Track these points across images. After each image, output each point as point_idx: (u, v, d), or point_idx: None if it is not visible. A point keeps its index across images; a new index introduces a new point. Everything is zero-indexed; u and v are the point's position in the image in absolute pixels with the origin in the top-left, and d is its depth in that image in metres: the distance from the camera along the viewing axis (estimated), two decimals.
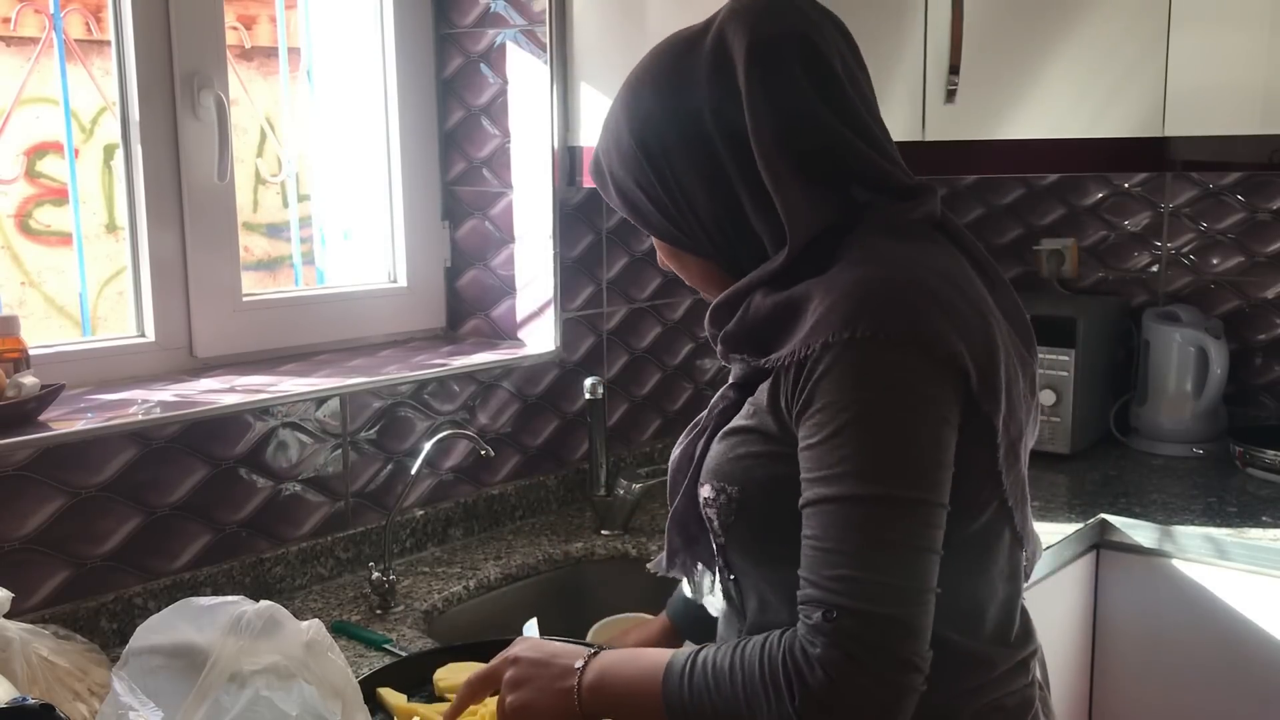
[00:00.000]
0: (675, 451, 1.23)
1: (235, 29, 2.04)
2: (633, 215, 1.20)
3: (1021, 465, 1.14)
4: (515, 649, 1.19)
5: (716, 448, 1.15)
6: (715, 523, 1.14)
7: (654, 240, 1.23)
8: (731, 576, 1.18)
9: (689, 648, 1.11)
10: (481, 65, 2.17)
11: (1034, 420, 1.19)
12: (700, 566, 1.23)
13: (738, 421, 1.14)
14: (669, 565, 1.25)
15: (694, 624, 1.42)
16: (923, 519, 1.01)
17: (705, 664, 1.06)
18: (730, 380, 1.19)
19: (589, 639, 1.52)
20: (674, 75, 1.14)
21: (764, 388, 1.10)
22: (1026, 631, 1.20)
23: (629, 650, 1.17)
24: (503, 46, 2.14)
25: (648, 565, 1.33)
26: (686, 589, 1.29)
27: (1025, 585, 1.21)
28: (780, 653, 1.01)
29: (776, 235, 1.11)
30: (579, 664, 1.14)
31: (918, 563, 1.00)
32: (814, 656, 0.98)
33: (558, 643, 1.21)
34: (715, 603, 1.26)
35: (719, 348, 1.17)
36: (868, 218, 1.11)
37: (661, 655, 1.11)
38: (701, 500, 1.15)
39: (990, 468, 1.08)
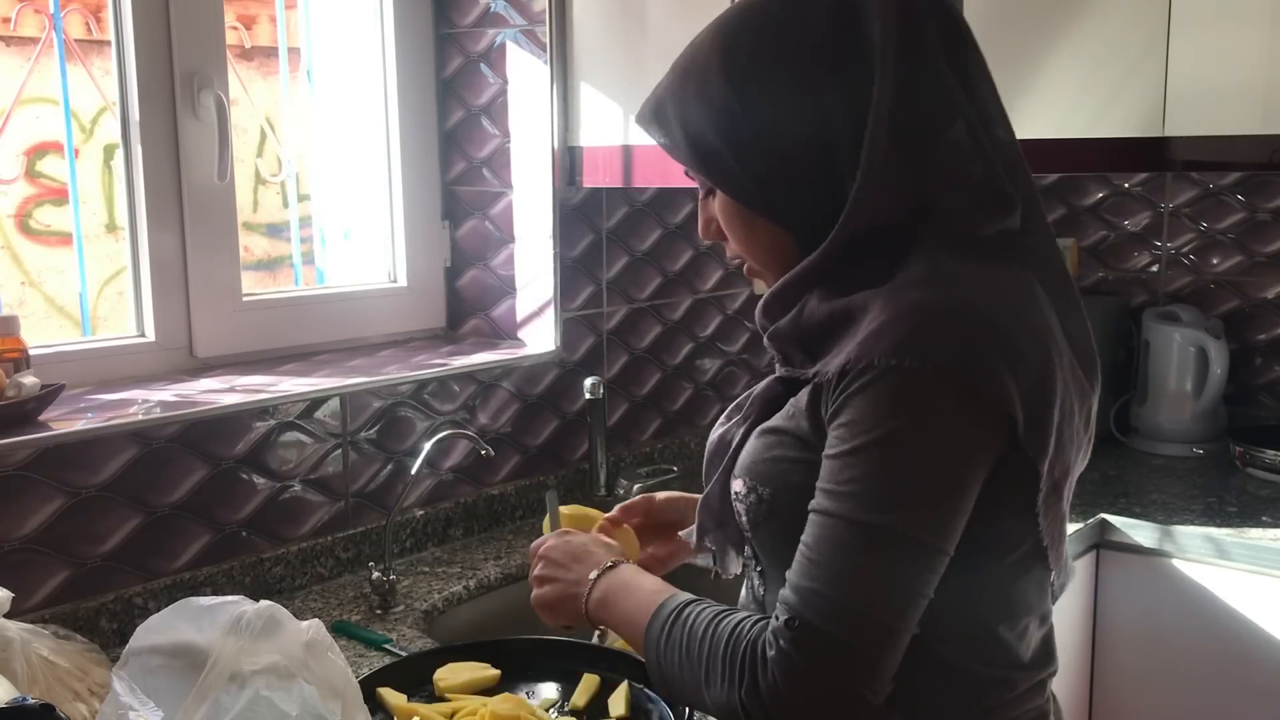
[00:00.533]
0: (715, 433, 1.22)
1: (235, 29, 2.04)
2: (706, 169, 1.11)
3: (1063, 504, 1.10)
4: (548, 543, 1.28)
5: (753, 443, 1.13)
6: (744, 519, 1.13)
7: (717, 204, 1.14)
8: (758, 568, 1.18)
9: (684, 595, 1.13)
10: (481, 65, 2.17)
11: (1084, 454, 1.14)
12: (730, 550, 1.24)
13: (777, 421, 1.11)
14: (698, 542, 1.25)
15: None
16: (919, 561, 0.98)
17: (686, 620, 1.08)
18: (777, 372, 1.16)
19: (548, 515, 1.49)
20: (788, 31, 1.06)
21: (805, 392, 1.08)
22: (1048, 653, 1.18)
23: (635, 577, 1.20)
24: (503, 46, 2.14)
25: (680, 533, 1.34)
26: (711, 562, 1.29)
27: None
28: (747, 640, 1.02)
29: (876, 216, 1.05)
30: (592, 575, 1.21)
31: (898, 602, 0.98)
32: (770, 657, 0.99)
33: (582, 542, 1.27)
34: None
35: (767, 341, 1.14)
36: (938, 226, 1.05)
37: (658, 594, 1.14)
38: (733, 494, 1.14)
39: (1029, 508, 1.05)
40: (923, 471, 0.98)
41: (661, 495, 1.44)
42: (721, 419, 1.23)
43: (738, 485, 1.13)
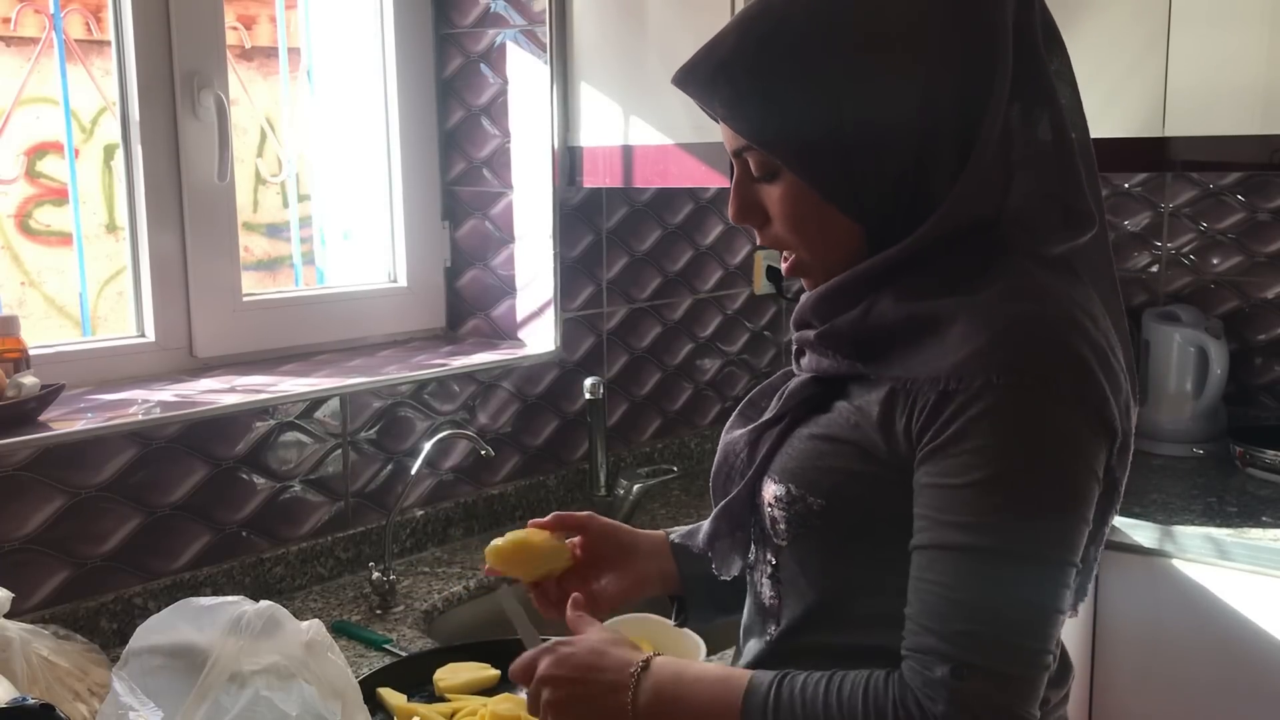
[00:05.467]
0: (733, 433, 1.13)
1: (235, 29, 2.04)
2: (782, 150, 1.01)
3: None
4: (543, 664, 1.06)
5: (802, 447, 1.05)
6: (781, 526, 1.06)
7: (780, 188, 1.03)
8: (775, 575, 1.10)
9: (763, 673, 1.00)
10: (481, 65, 2.17)
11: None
12: (734, 555, 1.14)
13: (835, 429, 1.03)
14: (707, 545, 1.15)
15: (693, 559, 1.24)
16: (1062, 580, 0.95)
17: (794, 697, 0.97)
18: (807, 369, 1.08)
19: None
20: (901, 20, 0.98)
21: (873, 399, 1.00)
22: (1066, 665, 1.17)
23: (680, 668, 1.04)
24: (503, 46, 2.14)
25: (671, 534, 1.25)
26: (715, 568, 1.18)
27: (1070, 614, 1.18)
28: (890, 702, 0.94)
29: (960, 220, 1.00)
30: (631, 677, 1.03)
31: (1050, 625, 0.95)
32: (933, 713, 0.92)
33: (588, 646, 1.06)
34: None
35: (812, 340, 1.06)
36: (1012, 237, 1.01)
37: (729, 679, 1.01)
38: (769, 498, 1.06)
39: (1100, 523, 1.03)
40: (1063, 495, 0.95)
41: (602, 519, 1.28)
42: (736, 419, 1.15)
43: (775, 490, 1.05)
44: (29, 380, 1.58)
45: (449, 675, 1.48)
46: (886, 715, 0.93)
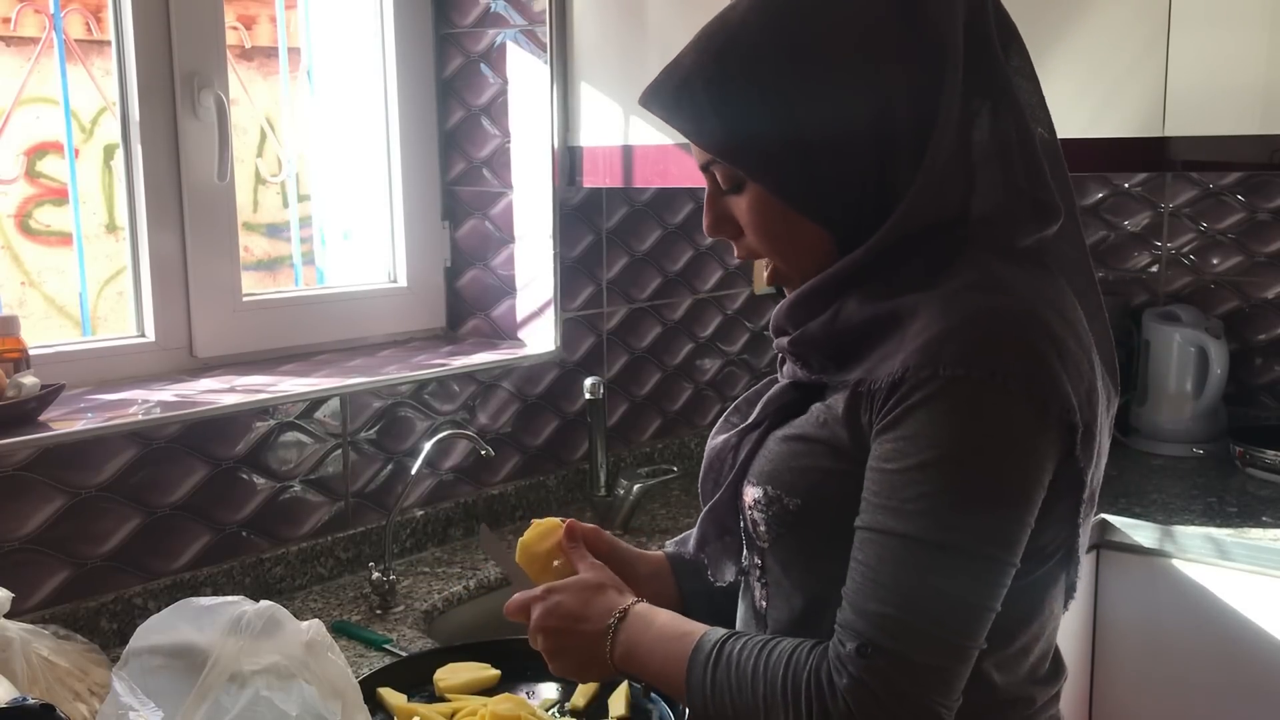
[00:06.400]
0: (716, 440, 1.15)
1: (235, 29, 2.04)
2: (745, 162, 1.03)
3: (1092, 513, 1.08)
4: (536, 613, 1.15)
5: (776, 449, 1.07)
6: (762, 528, 1.08)
7: (746, 200, 1.05)
8: (762, 579, 1.13)
9: (716, 631, 1.07)
10: (481, 65, 2.17)
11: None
12: (726, 560, 1.17)
13: (806, 428, 1.05)
14: (697, 551, 1.18)
15: (691, 573, 1.28)
16: (991, 577, 0.96)
17: (730, 659, 1.03)
18: (787, 377, 1.11)
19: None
20: (851, 28, 0.99)
21: (840, 399, 1.02)
22: (1059, 665, 1.18)
23: (651, 621, 1.11)
24: (503, 46, 2.14)
25: (668, 544, 1.28)
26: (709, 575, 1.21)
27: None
28: (806, 671, 0.98)
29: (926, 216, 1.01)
30: (609, 628, 1.11)
31: (972, 618, 0.96)
32: (839, 686, 0.95)
33: (578, 598, 1.14)
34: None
35: (787, 346, 1.08)
36: (979, 231, 1.02)
37: (687, 635, 1.07)
38: (748, 501, 1.09)
39: (1070, 518, 1.04)
40: (996, 488, 0.95)
41: (610, 536, 1.29)
42: (721, 425, 1.18)
43: (755, 493, 1.07)
44: (29, 380, 1.58)
45: (449, 675, 1.47)
46: (800, 682, 0.98)
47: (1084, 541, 1.09)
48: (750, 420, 1.12)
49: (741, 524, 1.13)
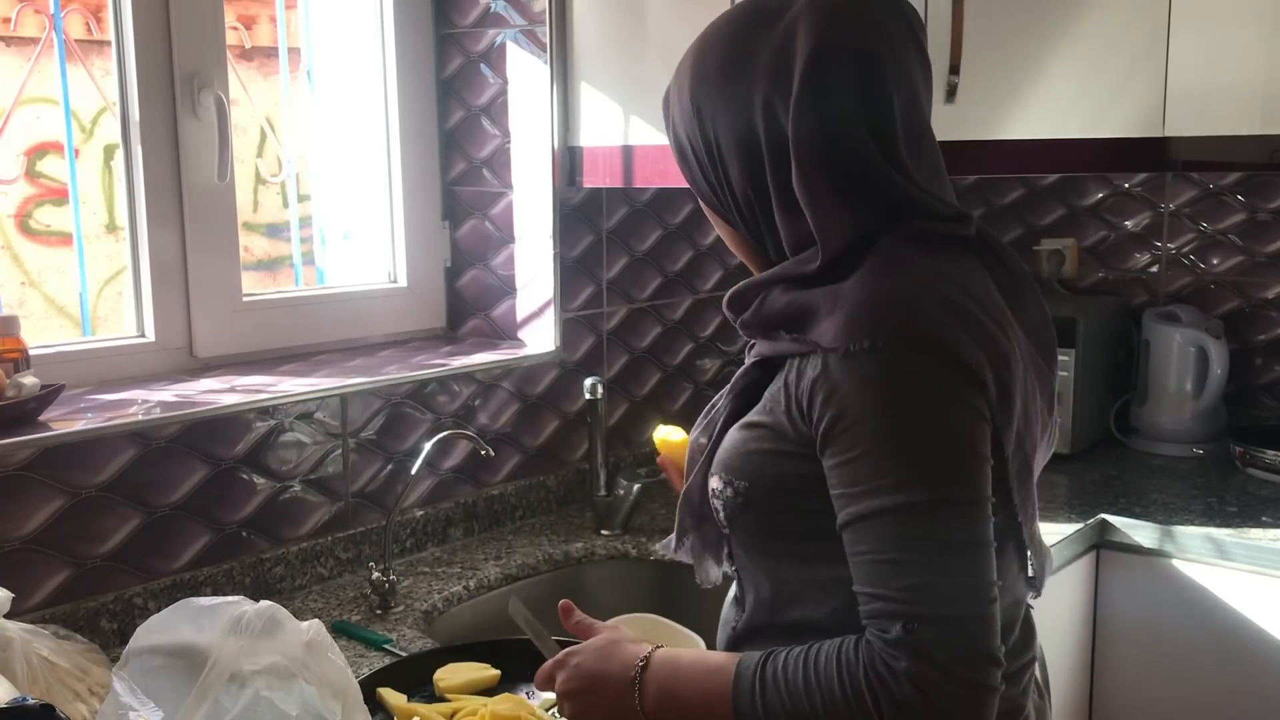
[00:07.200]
0: (694, 431, 1.24)
1: (235, 29, 2.04)
2: (680, 164, 1.20)
3: (1034, 481, 1.13)
4: (560, 679, 1.16)
5: (732, 438, 1.14)
6: (721, 514, 1.14)
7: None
8: (734, 567, 1.20)
9: (747, 655, 1.07)
10: (481, 65, 2.17)
11: (1050, 436, 1.18)
12: (708, 557, 1.23)
13: (755, 415, 1.13)
14: (677, 545, 1.25)
15: None
16: (974, 515, 1.00)
17: (776, 676, 1.03)
18: (752, 356, 1.18)
19: None
20: (740, 51, 1.11)
21: (780, 384, 1.10)
22: (1024, 642, 1.19)
23: (677, 661, 1.12)
24: (503, 46, 2.14)
25: (656, 546, 1.33)
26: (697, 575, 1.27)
27: (1032, 595, 1.20)
28: (860, 668, 0.99)
29: (800, 236, 1.10)
30: (633, 679, 1.11)
31: (980, 559, 1.00)
32: (900, 671, 0.97)
33: (597, 654, 1.15)
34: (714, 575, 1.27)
35: (740, 329, 1.18)
36: (896, 229, 1.09)
37: (719, 668, 1.07)
38: (710, 490, 1.15)
39: (1000, 482, 1.07)
40: (940, 436, 1.00)
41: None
42: (700, 417, 1.25)
43: (715, 482, 1.14)
44: (29, 380, 1.58)
45: (449, 675, 1.48)
46: (859, 680, 0.99)
47: (1030, 512, 1.12)
48: (717, 408, 1.21)
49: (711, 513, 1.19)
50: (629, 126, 2.07)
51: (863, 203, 1.08)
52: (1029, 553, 1.17)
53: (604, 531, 2.10)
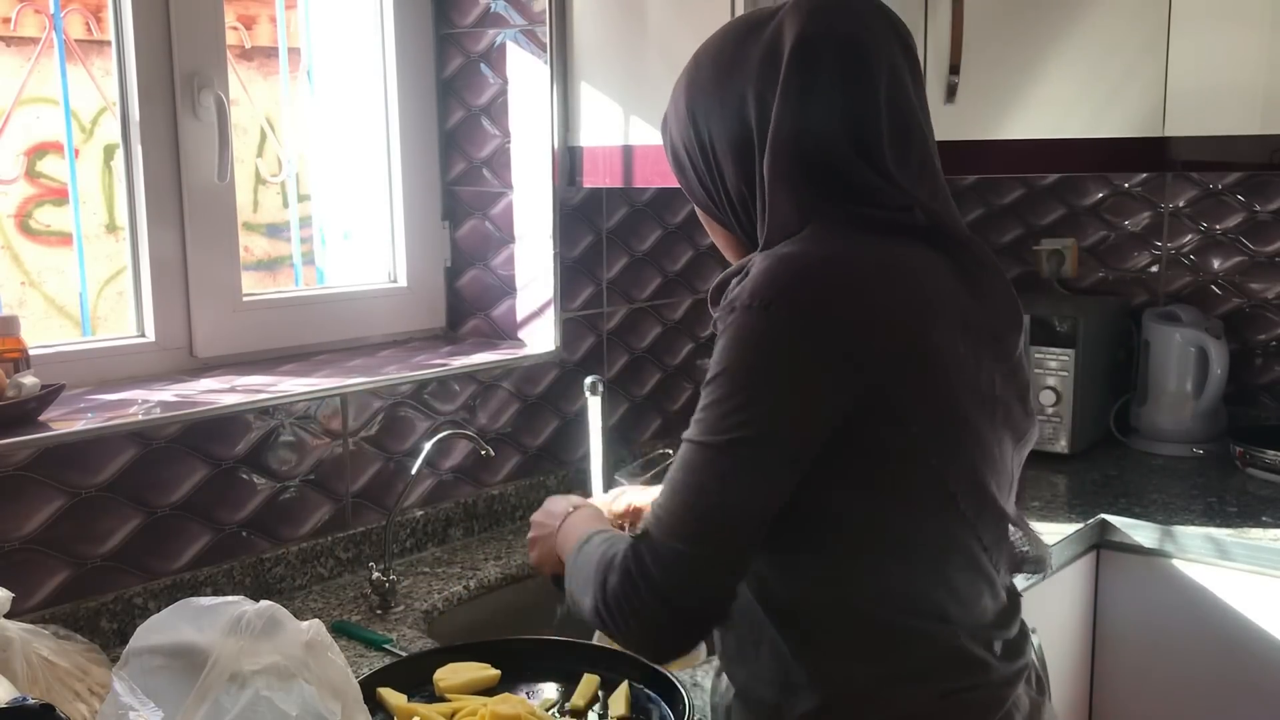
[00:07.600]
0: None
1: (235, 29, 2.04)
2: (677, 175, 1.25)
3: (989, 473, 1.12)
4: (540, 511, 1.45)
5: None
6: None
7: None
8: None
9: (609, 531, 1.22)
10: (481, 65, 2.17)
11: (1023, 416, 1.17)
12: None
13: None
14: None
15: None
16: (745, 465, 1.04)
17: (591, 543, 1.17)
18: None
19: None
20: (733, 54, 1.17)
21: None
22: (1023, 636, 1.19)
23: (579, 520, 1.35)
24: (503, 46, 2.14)
25: None
26: None
27: (1024, 587, 1.20)
28: (614, 553, 1.10)
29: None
30: (556, 525, 1.38)
31: (720, 507, 1.05)
32: (617, 565, 1.08)
33: (554, 503, 1.44)
34: None
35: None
36: (838, 212, 1.11)
37: (582, 533, 1.24)
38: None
39: (925, 462, 1.08)
40: (758, 391, 1.05)
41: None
42: None
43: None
44: (29, 380, 1.58)
45: (449, 675, 1.47)
46: (606, 563, 1.10)
47: (980, 504, 1.11)
48: None
49: None
50: (629, 126, 2.07)
51: (816, 186, 1.11)
52: (1008, 529, 1.16)
53: None
